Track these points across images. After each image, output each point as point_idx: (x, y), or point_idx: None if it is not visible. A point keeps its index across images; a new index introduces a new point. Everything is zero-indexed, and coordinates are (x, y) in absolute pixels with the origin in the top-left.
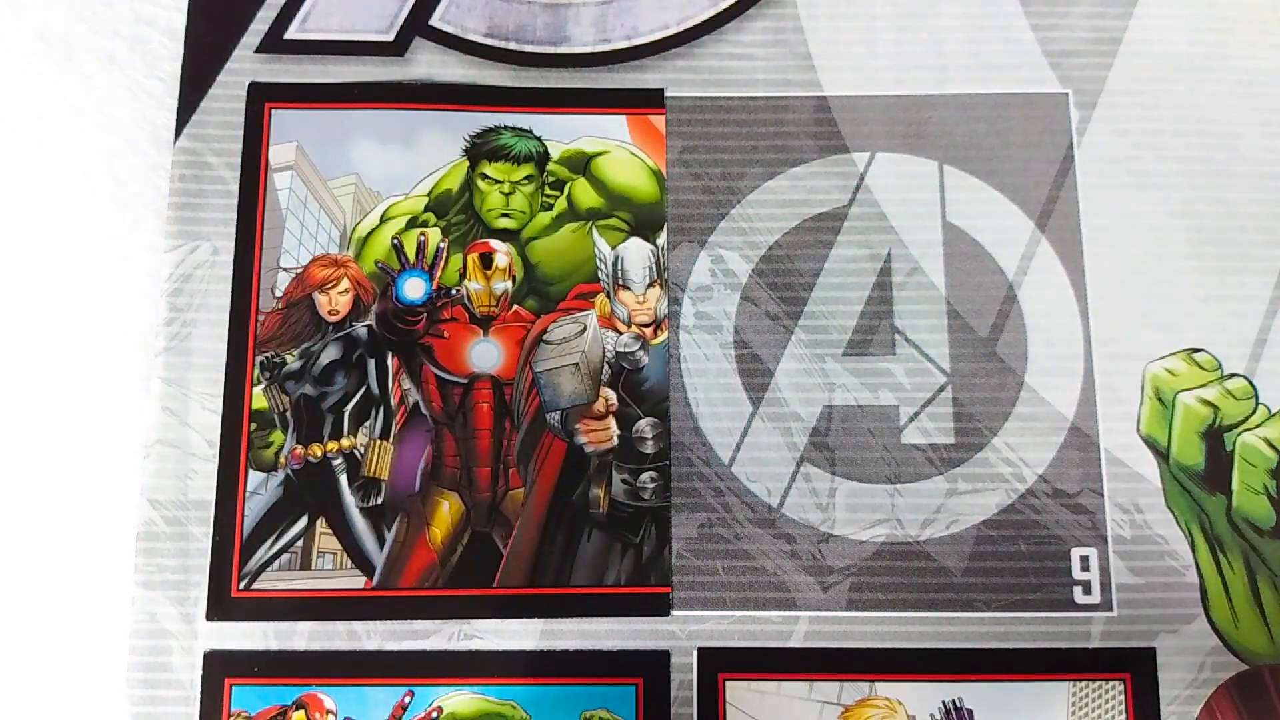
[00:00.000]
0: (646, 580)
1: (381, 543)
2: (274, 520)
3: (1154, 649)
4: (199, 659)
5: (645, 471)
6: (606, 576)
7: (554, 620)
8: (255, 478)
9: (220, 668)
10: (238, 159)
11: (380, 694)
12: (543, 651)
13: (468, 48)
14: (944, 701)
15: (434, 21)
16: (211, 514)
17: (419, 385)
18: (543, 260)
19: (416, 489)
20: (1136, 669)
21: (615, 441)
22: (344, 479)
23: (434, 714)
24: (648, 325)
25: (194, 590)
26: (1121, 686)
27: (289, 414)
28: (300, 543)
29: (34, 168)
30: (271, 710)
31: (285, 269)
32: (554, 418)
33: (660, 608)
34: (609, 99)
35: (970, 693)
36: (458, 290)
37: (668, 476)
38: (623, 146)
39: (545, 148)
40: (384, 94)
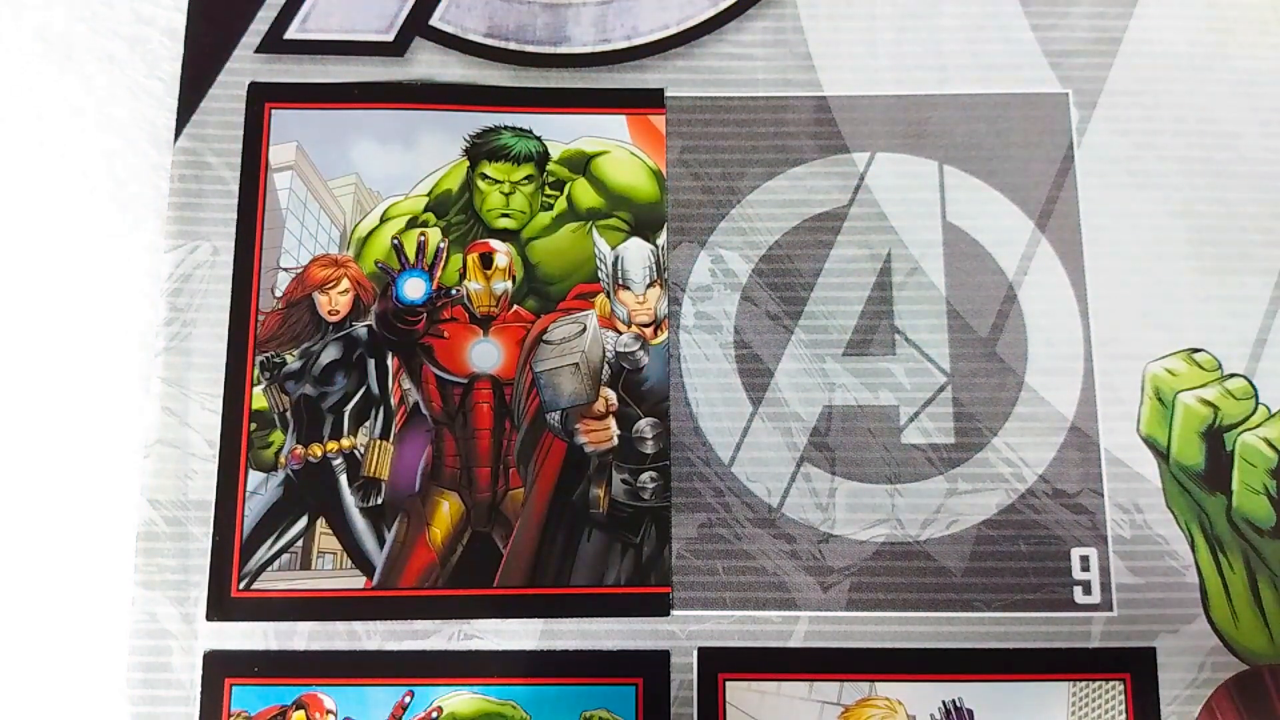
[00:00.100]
0: (646, 580)
1: (381, 543)
2: (274, 520)
3: (1154, 649)
4: (199, 659)
5: (645, 471)
6: (606, 576)
7: (554, 620)
8: (255, 478)
9: (220, 668)
10: (238, 159)
11: (380, 694)
12: (543, 651)
13: (468, 48)
14: (944, 701)
15: (434, 21)
16: (211, 514)
17: (419, 385)
18: (543, 260)
19: (416, 489)
20: (1136, 669)
21: (615, 441)
22: (344, 479)
23: (434, 714)
24: (648, 325)
25: (194, 590)
26: (1121, 686)
27: (289, 414)
28: (300, 543)
29: (34, 168)
30: (271, 710)
31: (285, 269)
32: (554, 418)
33: (660, 608)
34: (609, 99)
35: (970, 693)
36: (458, 290)
37: (668, 476)
38: (623, 146)
39: (545, 148)
40: (384, 94)
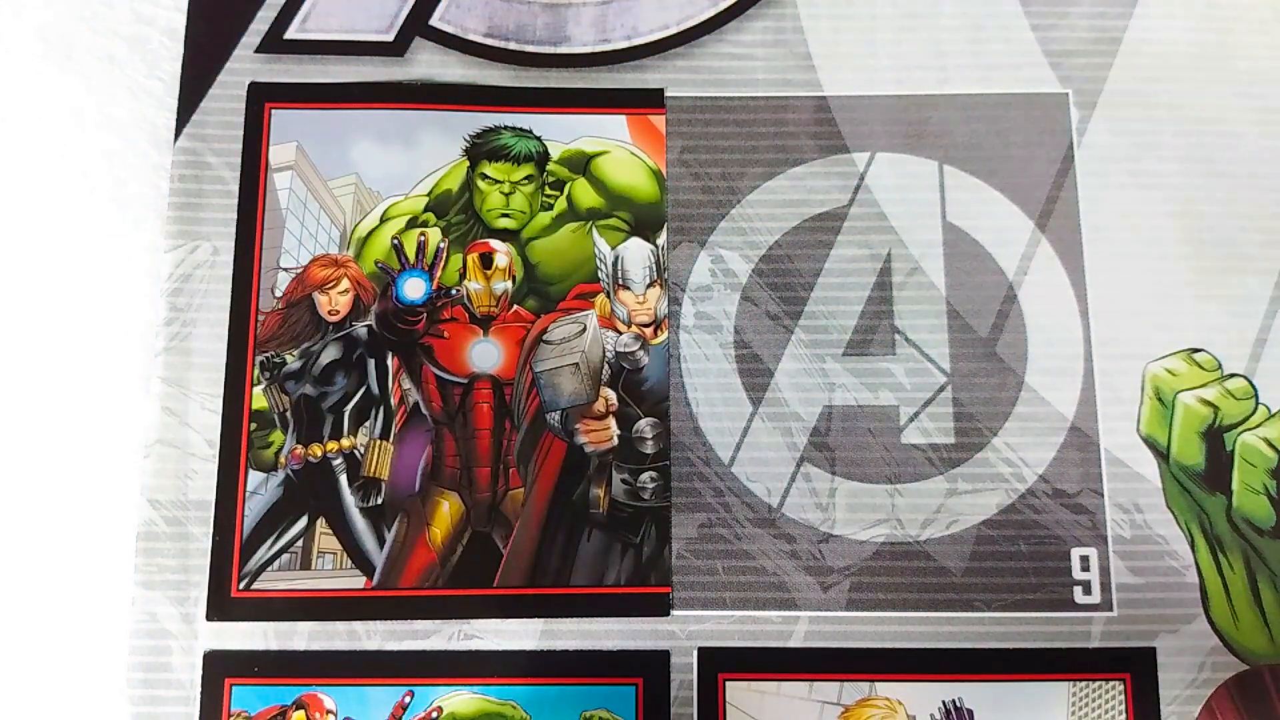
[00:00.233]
0: (646, 580)
1: (381, 543)
2: (274, 520)
3: (1154, 649)
4: (199, 659)
5: (645, 471)
6: (606, 576)
7: (554, 620)
8: (255, 478)
9: (220, 668)
10: (238, 159)
11: (380, 694)
12: (543, 651)
13: (468, 48)
14: (944, 701)
15: (434, 21)
16: (211, 514)
17: (419, 385)
18: (543, 260)
19: (416, 489)
20: (1136, 669)
21: (615, 441)
22: (344, 479)
23: (434, 714)
24: (648, 325)
25: (194, 590)
26: (1121, 686)
27: (289, 414)
28: (300, 543)
29: (34, 168)
30: (271, 710)
31: (285, 269)
32: (554, 418)
33: (660, 608)
34: (609, 99)
35: (970, 693)
36: (458, 290)
37: (668, 476)
38: (623, 146)
39: (545, 148)
40: (384, 94)
